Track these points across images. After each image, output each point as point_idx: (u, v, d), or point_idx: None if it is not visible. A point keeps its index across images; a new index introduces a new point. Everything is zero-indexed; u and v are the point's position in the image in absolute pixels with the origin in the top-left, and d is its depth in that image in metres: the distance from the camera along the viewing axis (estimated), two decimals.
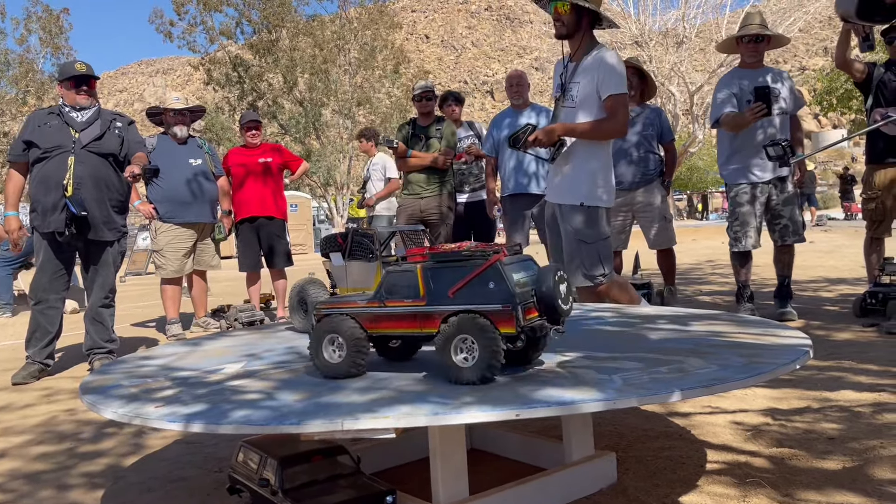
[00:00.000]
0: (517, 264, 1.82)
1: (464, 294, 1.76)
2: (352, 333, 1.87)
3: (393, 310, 1.86)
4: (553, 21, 3.50)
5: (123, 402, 1.79)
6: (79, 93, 4.47)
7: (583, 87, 3.52)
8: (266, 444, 1.90)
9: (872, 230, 5.25)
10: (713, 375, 1.68)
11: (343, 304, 1.96)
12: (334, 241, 2.91)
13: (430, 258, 1.85)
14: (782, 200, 4.90)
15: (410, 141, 5.80)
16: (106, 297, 4.59)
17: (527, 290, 1.76)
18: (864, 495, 1.98)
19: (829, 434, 2.53)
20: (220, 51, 27.71)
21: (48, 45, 28.58)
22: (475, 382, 1.71)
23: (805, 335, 2.15)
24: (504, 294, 1.71)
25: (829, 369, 3.47)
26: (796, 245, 5.05)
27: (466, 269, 1.78)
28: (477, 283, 1.75)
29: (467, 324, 1.72)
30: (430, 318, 1.80)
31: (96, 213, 4.39)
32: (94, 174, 4.39)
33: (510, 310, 1.69)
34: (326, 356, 1.90)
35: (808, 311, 5.23)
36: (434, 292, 1.80)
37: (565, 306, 1.80)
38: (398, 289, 1.86)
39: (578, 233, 3.56)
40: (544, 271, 1.81)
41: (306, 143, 27.44)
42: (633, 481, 2.18)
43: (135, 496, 2.35)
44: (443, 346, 1.74)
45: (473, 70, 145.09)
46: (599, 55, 3.50)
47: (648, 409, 2.96)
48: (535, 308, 1.77)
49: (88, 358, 4.58)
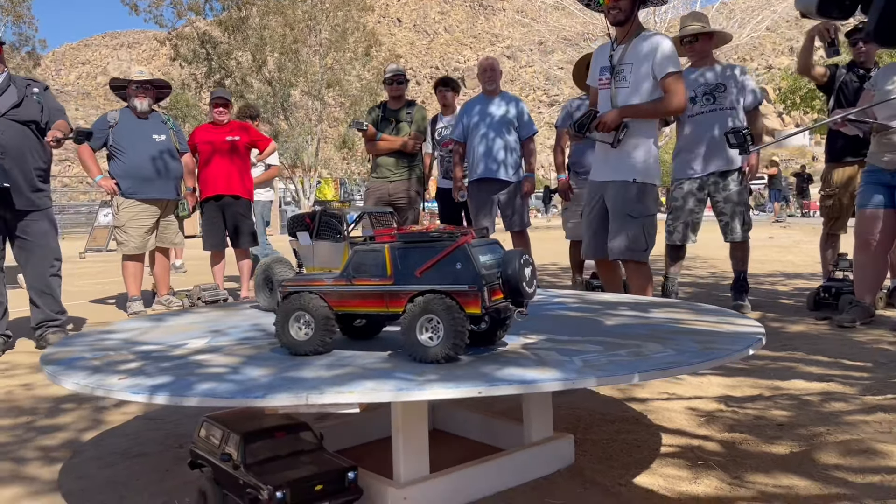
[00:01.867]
0: (484, 247, 1.85)
1: (431, 274, 1.79)
2: (319, 312, 1.88)
3: (360, 288, 1.88)
4: (609, 10, 3.65)
5: (86, 373, 1.78)
6: None
7: (636, 68, 3.70)
8: (229, 420, 1.91)
9: (829, 226, 5.43)
10: (669, 359, 1.74)
11: (310, 281, 1.98)
12: (302, 221, 2.91)
13: (399, 238, 1.87)
14: (724, 198, 4.98)
15: (380, 124, 5.78)
16: (52, 265, 4.51)
17: (493, 273, 1.80)
18: (810, 479, 2.07)
19: (779, 421, 2.62)
20: (188, 26, 27.19)
21: (9, 13, 27.78)
22: (440, 361, 1.74)
23: (759, 324, 2.22)
24: (471, 275, 1.74)
25: (781, 359, 3.58)
26: (759, 240, 5.15)
27: (435, 249, 1.80)
28: (444, 264, 1.78)
29: (434, 303, 1.75)
30: (396, 297, 1.82)
31: (22, 182, 4.30)
32: (16, 143, 4.28)
33: (476, 290, 1.72)
34: (293, 333, 1.91)
35: (764, 304, 5.37)
36: (401, 272, 1.82)
37: (529, 289, 1.83)
38: (366, 267, 1.87)
39: (627, 207, 3.74)
40: (510, 254, 1.84)
41: (274, 124, 27.12)
42: (590, 463, 2.23)
43: (94, 470, 2.34)
44: (409, 324, 1.77)
45: (445, 56, 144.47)
46: (654, 38, 3.71)
47: (607, 393, 3.03)
48: (500, 290, 1.80)
49: (38, 332, 4.50)
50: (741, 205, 5.00)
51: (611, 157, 3.84)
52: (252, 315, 2.74)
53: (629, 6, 3.68)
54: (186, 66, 27.26)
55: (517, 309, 1.84)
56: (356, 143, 29.31)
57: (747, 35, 24.89)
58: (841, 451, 2.27)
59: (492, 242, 1.92)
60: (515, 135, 5.50)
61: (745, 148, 4.33)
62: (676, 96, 3.66)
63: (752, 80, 5.17)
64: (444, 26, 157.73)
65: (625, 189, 3.79)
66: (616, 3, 3.64)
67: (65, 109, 4.73)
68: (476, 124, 5.46)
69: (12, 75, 4.47)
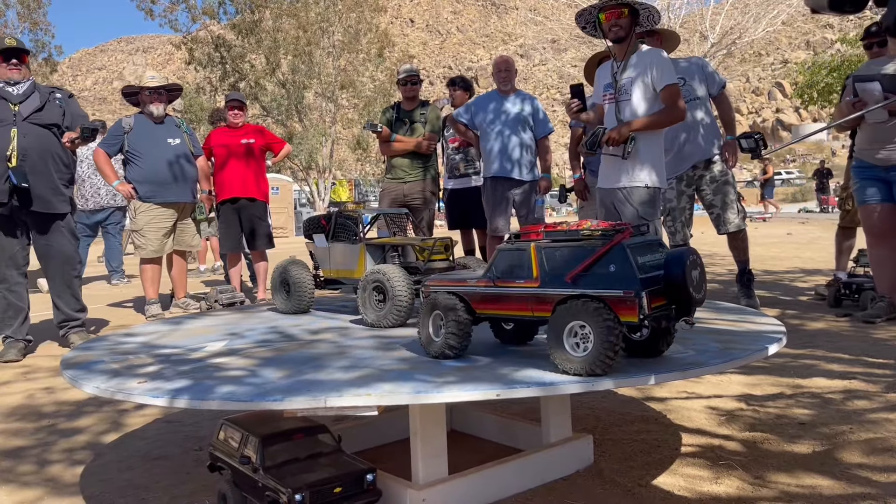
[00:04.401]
0: (644, 247, 1.67)
1: (582, 278, 1.63)
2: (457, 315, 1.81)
3: (503, 290, 1.76)
4: (609, 28, 3.81)
5: (106, 377, 1.79)
6: (9, 67, 4.47)
7: (635, 81, 3.87)
8: (247, 423, 1.91)
9: (843, 219, 5.39)
10: (689, 360, 1.72)
11: (452, 282, 1.90)
12: (318, 223, 2.92)
13: (546, 237, 1.75)
14: (712, 189, 4.94)
15: (394, 125, 5.78)
16: (73, 268, 4.60)
17: (654, 276, 1.62)
18: (833, 478, 2.04)
19: (801, 419, 2.59)
20: (203, 30, 27.33)
21: (26, 20, 28.05)
22: (582, 374, 1.59)
23: (779, 322, 2.20)
24: (628, 279, 1.56)
25: (802, 357, 3.54)
26: (776, 236, 5.11)
27: (586, 250, 1.64)
28: (598, 266, 1.61)
29: (583, 310, 1.58)
30: (543, 301, 1.68)
31: (43, 184, 4.38)
32: (39, 146, 4.38)
33: (633, 296, 1.54)
34: (432, 332, 1.87)
35: (784, 301, 5.32)
36: (549, 274, 1.69)
37: (698, 294, 1.65)
38: (511, 269, 1.75)
39: (641, 211, 3.86)
40: (675, 255, 1.64)
41: (288, 126, 27.20)
42: (609, 463, 2.22)
43: (114, 473, 2.35)
44: (555, 333, 1.63)
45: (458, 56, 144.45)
46: (651, 51, 3.89)
47: (626, 393, 3.01)
48: (662, 295, 1.62)
49: (61, 331, 4.60)
50: (729, 193, 4.93)
51: (621, 165, 3.95)
52: (269, 317, 2.75)
53: (628, 24, 3.83)
54: (201, 70, 27.40)
55: (683, 318, 1.66)
56: (370, 144, 29.35)
57: (763, 30, 24.67)
58: (864, 450, 2.24)
59: (653, 241, 1.74)
60: (531, 133, 5.48)
61: (757, 152, 4.30)
62: (676, 107, 3.83)
63: (710, 66, 5.16)
64: (457, 26, 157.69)
65: (638, 194, 3.90)
66: (617, 20, 3.80)
67: (88, 117, 4.81)
68: (491, 122, 5.44)
69: (37, 84, 4.59)
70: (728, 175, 4.96)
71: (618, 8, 3.75)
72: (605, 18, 3.82)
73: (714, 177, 4.92)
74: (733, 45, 24.19)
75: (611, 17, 3.81)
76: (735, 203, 4.95)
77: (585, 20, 3.93)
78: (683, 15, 24.02)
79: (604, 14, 3.81)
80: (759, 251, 9.97)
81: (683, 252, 1.65)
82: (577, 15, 3.96)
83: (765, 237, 11.99)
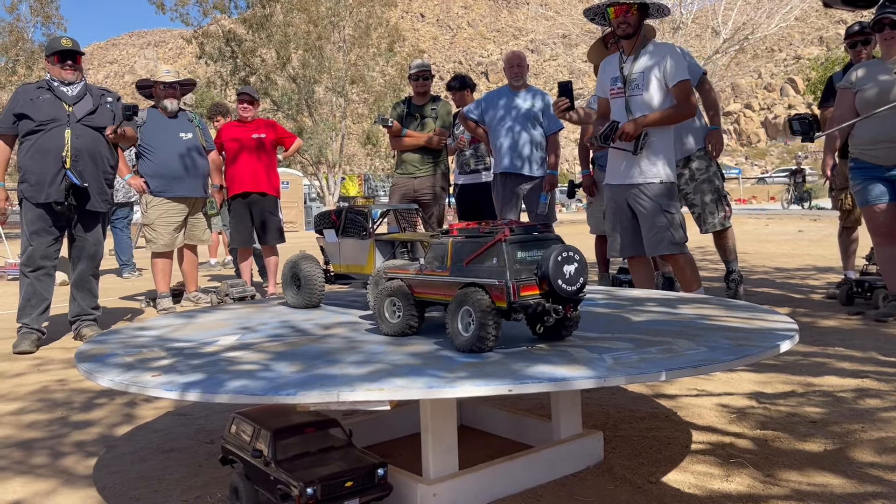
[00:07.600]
0: (530, 243, 1.87)
1: (474, 269, 1.88)
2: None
3: (431, 278, 2.00)
4: (618, 24, 3.83)
5: (120, 370, 1.81)
6: (64, 68, 4.57)
7: (647, 76, 3.87)
8: (259, 416, 1.92)
9: (843, 220, 5.35)
10: (701, 357, 1.72)
11: (399, 269, 2.14)
12: (328, 218, 2.93)
13: (460, 233, 1.99)
14: (692, 188, 4.91)
15: (405, 120, 5.78)
16: (97, 265, 4.75)
17: (527, 268, 1.83)
18: (844, 477, 2.03)
19: (812, 417, 2.58)
20: (214, 24, 27.38)
21: (38, 14, 28.18)
22: (466, 351, 1.82)
23: (791, 320, 2.19)
24: (501, 271, 1.80)
25: (813, 355, 3.53)
26: (788, 233, 5.07)
27: (478, 245, 1.88)
28: (485, 259, 1.86)
29: (471, 295, 1.82)
30: (451, 287, 1.93)
31: (92, 184, 4.53)
32: (90, 147, 4.54)
33: (503, 286, 1.78)
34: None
35: (795, 299, 5.29)
36: (455, 265, 1.94)
37: (569, 287, 1.80)
38: (435, 259, 2.01)
39: (663, 205, 3.90)
40: (549, 251, 1.83)
41: (298, 121, 27.24)
42: (619, 460, 2.22)
43: (127, 465, 2.37)
44: (451, 314, 1.88)
45: (468, 50, 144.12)
46: (664, 47, 3.91)
47: (636, 390, 3.01)
48: (535, 285, 1.82)
49: (73, 325, 4.69)
50: (710, 191, 4.86)
51: (634, 162, 3.95)
52: (280, 311, 2.76)
53: (637, 20, 3.84)
54: (212, 64, 27.48)
55: (553, 306, 1.81)
56: (380, 139, 29.36)
57: (776, 25, 24.47)
58: (876, 449, 2.24)
59: (546, 238, 1.90)
60: (541, 129, 5.47)
61: (810, 136, 4.12)
62: (687, 103, 3.85)
63: (688, 56, 5.01)
64: (468, 20, 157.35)
65: (655, 189, 3.91)
66: (625, 17, 3.81)
67: (137, 114, 4.94)
68: (502, 118, 5.43)
69: (89, 84, 4.70)
70: (709, 172, 4.91)
71: (626, 4, 3.77)
72: (613, 14, 3.84)
73: (693, 175, 4.88)
74: (746, 40, 24.00)
75: (619, 12, 3.82)
76: (716, 202, 4.90)
77: (594, 12, 3.94)
78: (696, 10, 23.85)
79: (612, 9, 3.82)
80: (771, 248, 9.93)
81: (556, 249, 1.82)
82: (585, 10, 3.98)
83: (776, 234, 11.93)
